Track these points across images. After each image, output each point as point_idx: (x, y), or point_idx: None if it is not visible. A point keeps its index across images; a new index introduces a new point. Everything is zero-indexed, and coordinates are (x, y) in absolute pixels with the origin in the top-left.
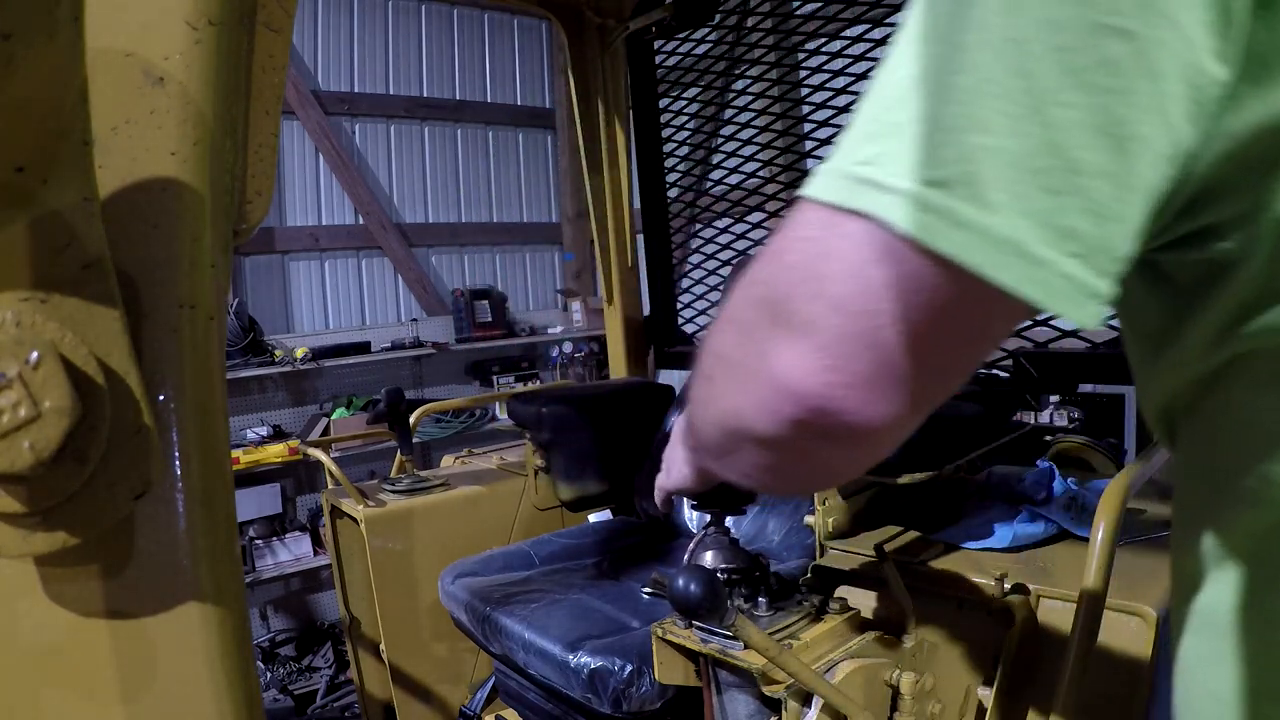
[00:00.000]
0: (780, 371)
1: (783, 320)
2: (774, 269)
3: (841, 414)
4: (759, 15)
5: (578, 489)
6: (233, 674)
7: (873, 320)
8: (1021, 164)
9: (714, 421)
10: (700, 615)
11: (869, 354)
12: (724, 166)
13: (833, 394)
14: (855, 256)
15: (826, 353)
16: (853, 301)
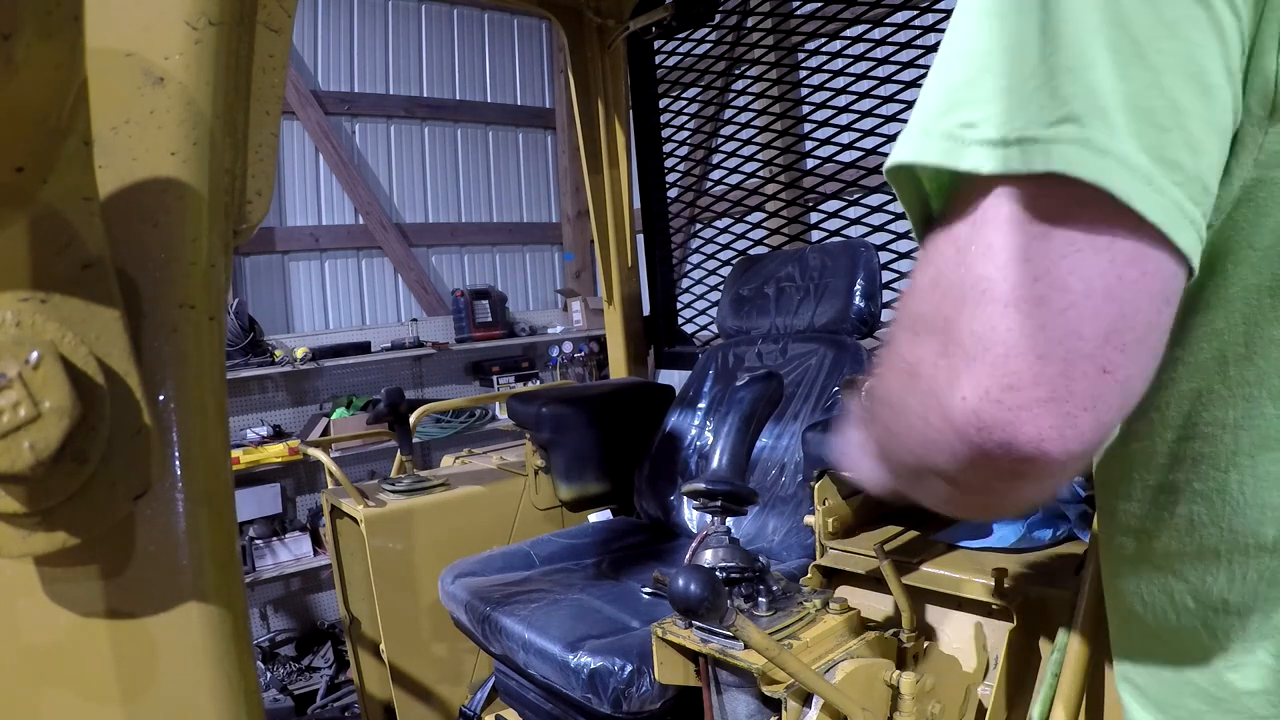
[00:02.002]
0: (952, 407)
1: (943, 344)
2: (925, 284)
3: (1025, 442)
4: (759, 15)
5: (578, 489)
6: (233, 674)
7: (1051, 305)
8: (1133, 101)
9: (899, 461)
10: (700, 615)
11: (1056, 350)
12: (724, 166)
13: (1013, 417)
14: (1019, 239)
15: (1003, 368)
16: (1029, 287)
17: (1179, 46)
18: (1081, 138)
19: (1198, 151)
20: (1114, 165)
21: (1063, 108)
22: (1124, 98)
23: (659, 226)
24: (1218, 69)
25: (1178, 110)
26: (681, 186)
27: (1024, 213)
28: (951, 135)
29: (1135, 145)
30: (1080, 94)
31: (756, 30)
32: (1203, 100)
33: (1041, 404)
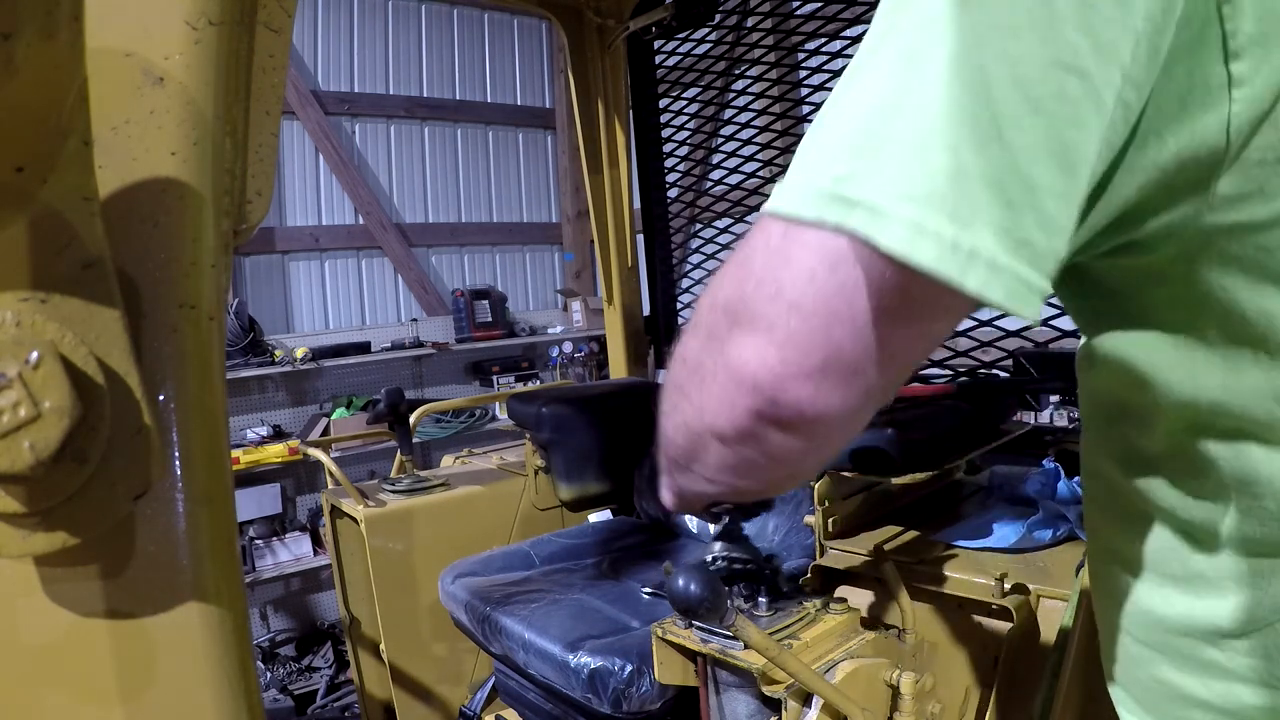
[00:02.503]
0: (739, 365)
1: (743, 320)
2: (736, 276)
3: (797, 404)
4: (759, 15)
5: (578, 489)
6: (233, 674)
7: (827, 319)
8: (986, 181)
9: (679, 425)
10: (700, 615)
11: (823, 349)
12: (724, 166)
13: (788, 385)
14: (814, 262)
15: (783, 347)
16: (809, 303)
17: (1044, 125)
18: (917, 221)
19: (1052, 228)
20: (945, 252)
21: (910, 185)
22: (977, 176)
23: (659, 226)
24: (1093, 142)
25: (1032, 189)
26: (681, 186)
27: (842, 258)
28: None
29: (981, 225)
30: (924, 175)
31: (756, 30)
32: (1066, 177)
33: (818, 373)
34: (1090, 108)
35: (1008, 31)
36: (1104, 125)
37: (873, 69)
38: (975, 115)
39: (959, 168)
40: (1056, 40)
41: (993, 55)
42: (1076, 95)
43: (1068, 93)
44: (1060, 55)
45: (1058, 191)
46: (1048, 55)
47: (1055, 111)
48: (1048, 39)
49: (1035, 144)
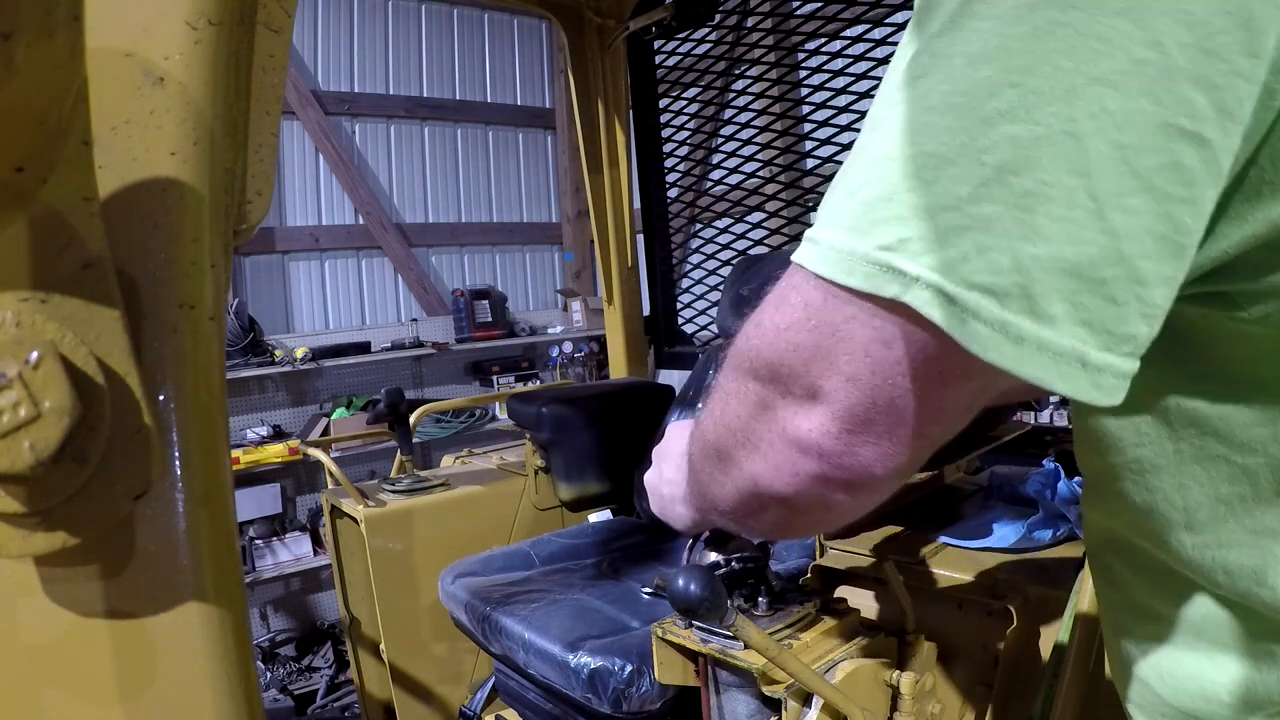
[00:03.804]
0: (800, 436)
1: (796, 391)
2: (776, 341)
3: (863, 467)
4: (759, 15)
5: (578, 489)
6: (233, 674)
7: (887, 391)
8: (1082, 274)
9: (732, 493)
10: (700, 615)
11: (885, 418)
12: (724, 166)
13: (853, 451)
14: (867, 337)
15: (844, 419)
16: (867, 377)
17: (1154, 205)
18: (998, 319)
19: (1158, 316)
20: (1030, 353)
21: (986, 276)
22: (1070, 268)
23: (659, 226)
24: (1206, 216)
25: (1139, 281)
26: (681, 186)
27: (903, 335)
28: (874, 261)
29: (1074, 323)
30: (1005, 269)
31: (756, 30)
32: (1177, 263)
33: (878, 439)
34: (1208, 180)
35: (1105, 82)
36: (1218, 195)
37: (919, 107)
38: (1068, 189)
39: (1048, 258)
40: (1170, 97)
41: (1086, 112)
42: (1193, 167)
43: (1183, 164)
44: (1174, 117)
45: (1165, 277)
46: (1158, 116)
47: (1167, 189)
48: (1158, 94)
49: (1142, 229)
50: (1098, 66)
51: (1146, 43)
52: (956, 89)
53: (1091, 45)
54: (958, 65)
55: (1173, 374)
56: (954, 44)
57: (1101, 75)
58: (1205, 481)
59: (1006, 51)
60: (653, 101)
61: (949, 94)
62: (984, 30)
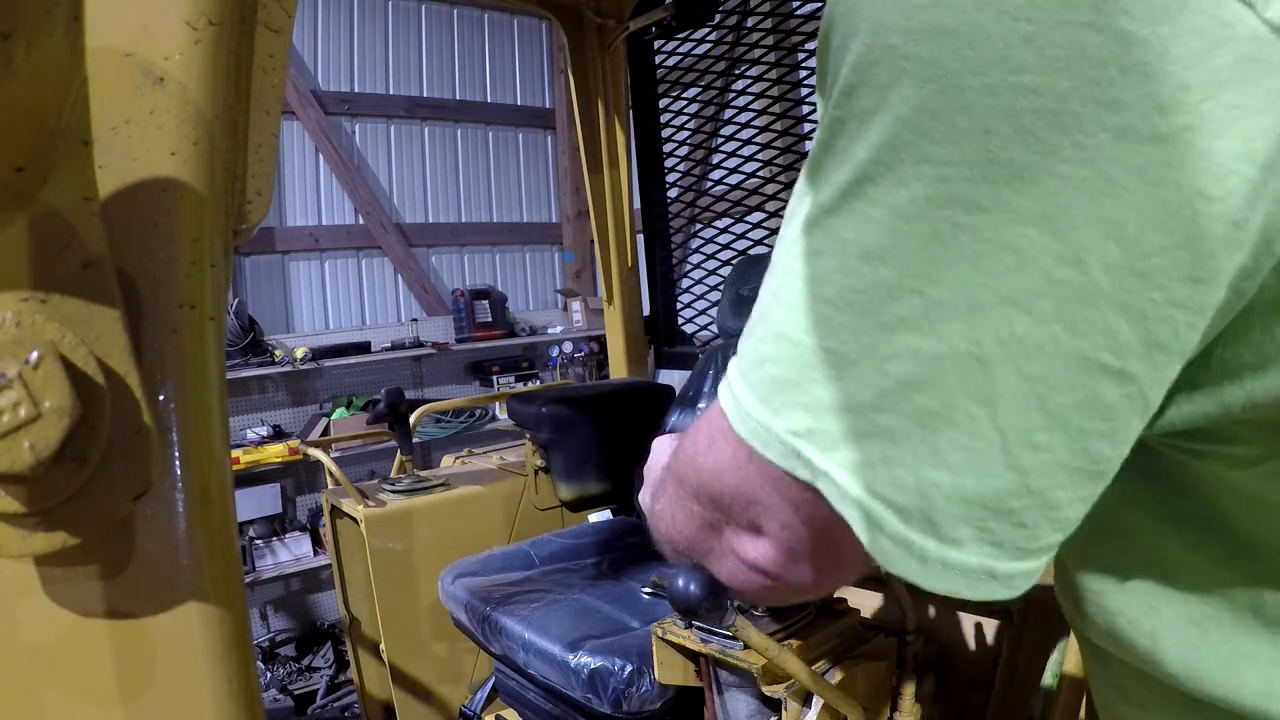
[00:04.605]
0: (747, 558)
1: (738, 524)
2: (714, 486)
3: (796, 582)
4: (759, 15)
5: (578, 489)
6: (233, 674)
7: (820, 539)
8: (986, 504)
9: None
10: (700, 615)
11: (822, 554)
12: (724, 166)
13: (788, 572)
14: (788, 501)
15: (783, 551)
16: (797, 525)
17: (1068, 443)
18: (900, 536)
19: (1072, 524)
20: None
21: (889, 490)
22: (975, 499)
23: (659, 226)
24: (1132, 438)
25: (1050, 507)
26: (681, 186)
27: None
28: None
29: (982, 543)
30: (908, 489)
31: (756, 30)
32: (1095, 485)
33: (812, 567)
34: (1131, 414)
35: (1015, 303)
36: (1146, 418)
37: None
38: (972, 418)
39: (950, 487)
40: (1089, 326)
41: (993, 336)
42: (1113, 404)
43: (1102, 401)
44: (1093, 351)
45: (1081, 498)
46: (1074, 348)
47: (1082, 426)
48: (1076, 323)
49: (1054, 464)
50: (1006, 283)
51: (1065, 259)
52: (852, 284)
53: (1000, 256)
54: (852, 257)
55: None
56: (847, 227)
57: (1011, 294)
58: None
59: (905, 252)
60: (653, 101)
61: (845, 289)
62: (879, 221)
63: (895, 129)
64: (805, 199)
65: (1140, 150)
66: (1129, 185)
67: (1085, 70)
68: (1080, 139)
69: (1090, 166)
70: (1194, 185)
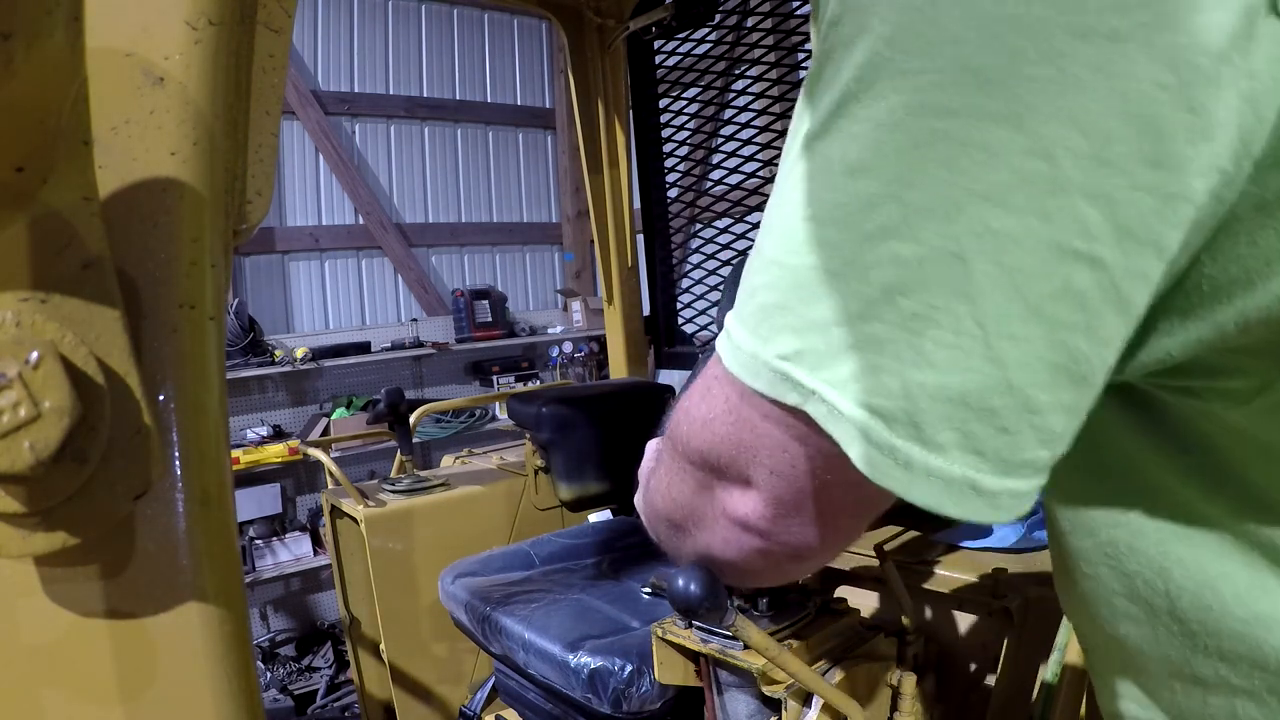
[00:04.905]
0: (738, 516)
1: (728, 476)
2: (705, 437)
3: (797, 542)
4: (759, 15)
5: (578, 489)
6: (233, 674)
7: (810, 483)
8: (969, 402)
9: (690, 554)
10: (700, 615)
11: (811, 502)
12: (724, 166)
13: (780, 529)
14: (781, 435)
15: (772, 503)
16: (786, 469)
17: (1045, 333)
18: (886, 443)
19: (1058, 442)
20: (919, 479)
21: (875, 398)
22: (958, 396)
23: (659, 226)
24: (1115, 345)
25: (1031, 410)
26: (681, 186)
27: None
28: (775, 369)
29: (965, 451)
30: (893, 392)
31: (756, 30)
32: (1076, 392)
33: (803, 520)
34: (1106, 307)
35: (989, 198)
36: (1129, 321)
37: (802, 215)
38: (954, 314)
39: (934, 386)
40: (1061, 214)
41: (970, 231)
42: (1086, 291)
43: (1076, 289)
44: (1065, 237)
45: (1063, 405)
46: (1047, 236)
47: (1058, 316)
48: (1048, 211)
49: (1033, 357)
50: (981, 180)
51: (1033, 152)
52: (837, 199)
53: (973, 156)
54: (837, 173)
55: (1154, 452)
56: (832, 146)
57: (985, 190)
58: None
59: (884, 161)
60: (653, 101)
61: (830, 205)
62: (860, 136)
63: (874, 47)
64: (798, 132)
65: (1100, 48)
66: (1090, 81)
67: None
68: (1042, 41)
69: (1053, 66)
70: (1151, 76)
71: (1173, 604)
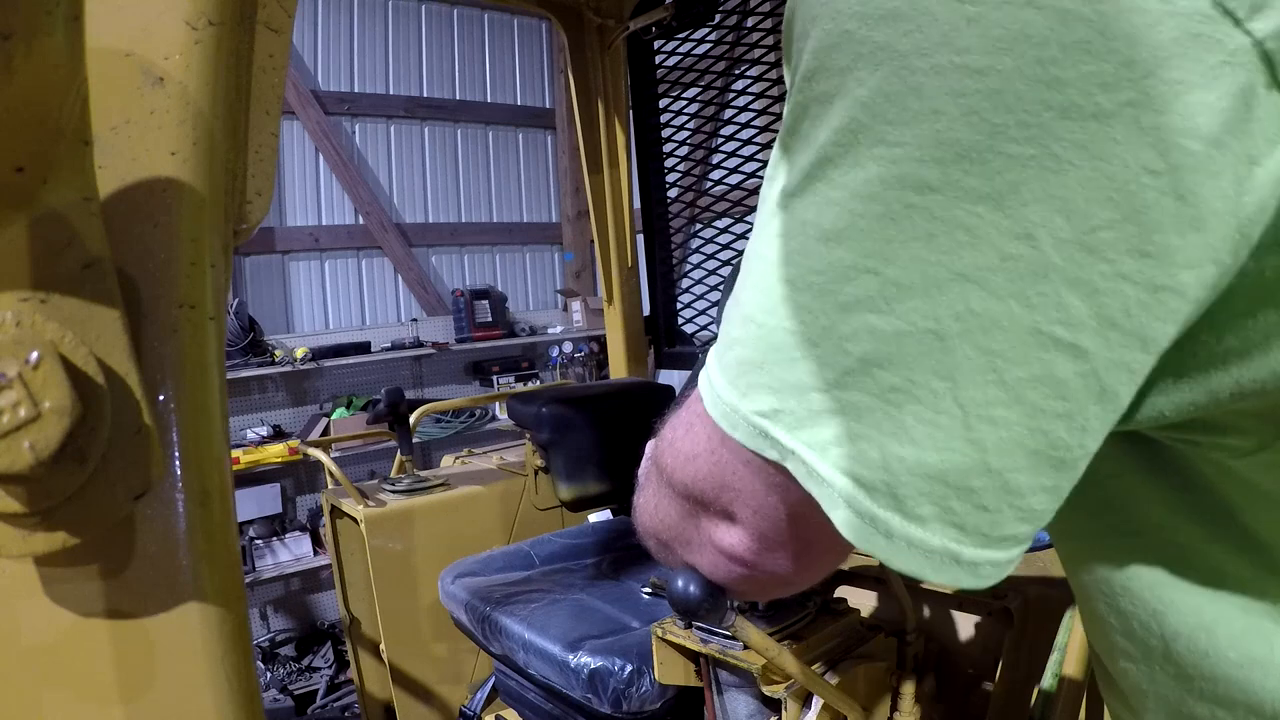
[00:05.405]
0: (723, 546)
1: (714, 511)
2: (689, 472)
3: (782, 571)
4: (759, 15)
5: (578, 489)
6: (233, 674)
7: (791, 524)
8: (948, 480)
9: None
10: (700, 615)
11: (793, 541)
12: (724, 166)
13: (764, 560)
14: (760, 483)
15: (756, 538)
16: (769, 510)
17: (1025, 420)
18: (866, 511)
19: (1040, 518)
20: (900, 548)
21: (855, 465)
22: (937, 474)
23: (659, 226)
24: (1098, 433)
25: (1011, 492)
26: (681, 186)
27: (785, 492)
28: (753, 424)
29: (946, 525)
30: (873, 464)
31: (756, 30)
32: (1058, 475)
33: (786, 554)
34: (1086, 396)
35: (970, 279)
36: (1112, 410)
37: (777, 276)
38: (933, 392)
39: (913, 462)
40: (1042, 300)
41: (950, 312)
42: (1067, 381)
43: (1057, 377)
44: (1046, 324)
45: (1044, 488)
46: (1028, 322)
47: (1038, 403)
48: (1029, 296)
49: (1012, 442)
50: (961, 260)
51: (1015, 235)
52: (812, 266)
53: (953, 235)
54: (812, 238)
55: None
56: (808, 209)
57: (965, 270)
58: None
59: (861, 233)
60: (653, 101)
61: (805, 270)
62: (836, 202)
63: (852, 111)
64: (775, 184)
65: (1084, 127)
66: (1074, 161)
67: (1027, 50)
68: (1025, 117)
69: (1035, 144)
70: (1138, 160)
71: (1167, 646)
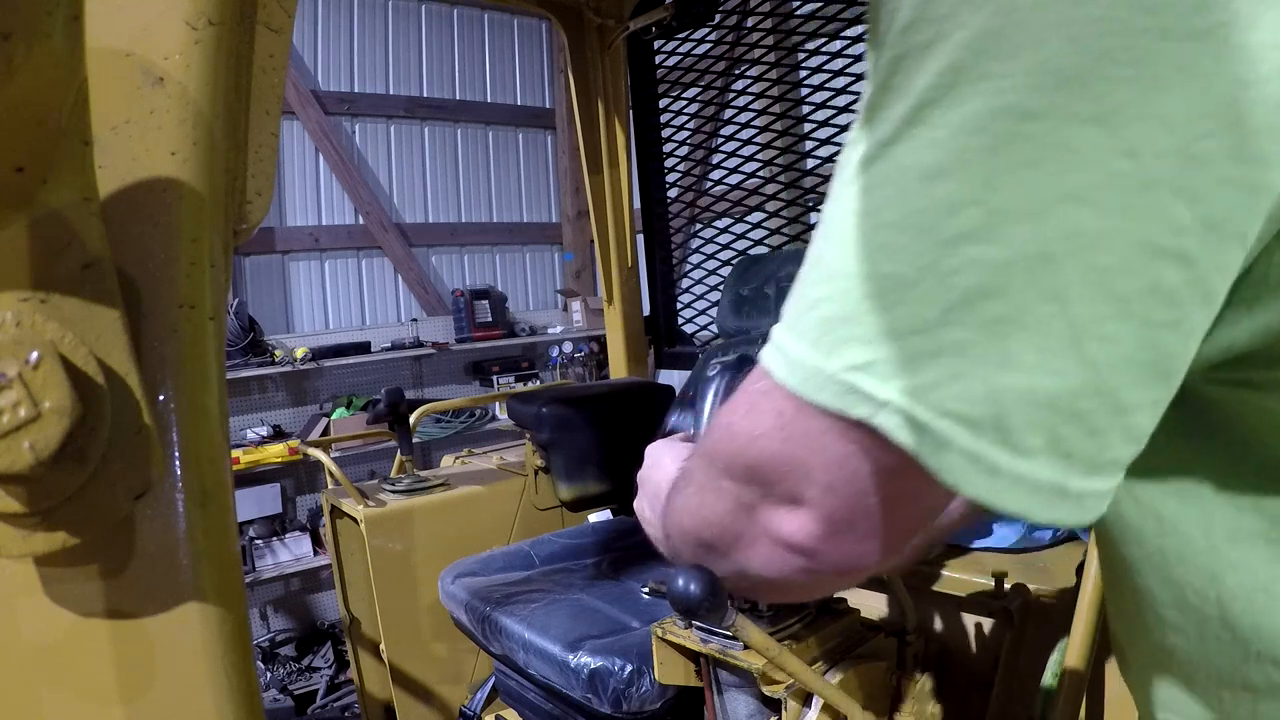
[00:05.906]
0: (785, 536)
1: (777, 494)
2: (752, 453)
3: (848, 560)
4: (759, 15)
5: (578, 489)
6: (233, 674)
7: (866, 500)
8: (1059, 405)
9: (724, 573)
10: (700, 615)
11: (864, 519)
12: (724, 166)
13: (838, 547)
14: (841, 449)
15: (825, 522)
16: (844, 487)
17: (1135, 332)
18: (972, 450)
19: (1143, 438)
20: (1007, 486)
21: (958, 404)
22: (1047, 399)
23: (659, 226)
24: (1198, 337)
25: (1121, 410)
26: (681, 186)
27: (873, 454)
28: (841, 381)
29: (1054, 455)
30: (977, 397)
31: (756, 30)
32: (1164, 387)
33: (858, 538)
34: (1194, 302)
35: (1078, 199)
36: (1211, 314)
37: (874, 222)
38: (1042, 316)
39: (1024, 389)
40: (1149, 212)
41: (1059, 233)
42: (1176, 289)
43: (1166, 286)
44: (1154, 234)
45: (1151, 402)
46: (1136, 234)
47: (1149, 314)
48: (1136, 210)
49: (1123, 357)
50: (1068, 181)
51: (1120, 152)
52: (914, 206)
53: (1060, 157)
54: (912, 179)
55: (1203, 455)
56: (907, 153)
57: (1073, 191)
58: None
59: (966, 165)
60: (653, 101)
61: (906, 211)
62: (940, 141)
63: (955, 53)
64: (859, 145)
65: (1181, 47)
66: (1173, 80)
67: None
68: (1126, 41)
69: (1136, 66)
70: (1232, 74)
71: (1224, 611)
